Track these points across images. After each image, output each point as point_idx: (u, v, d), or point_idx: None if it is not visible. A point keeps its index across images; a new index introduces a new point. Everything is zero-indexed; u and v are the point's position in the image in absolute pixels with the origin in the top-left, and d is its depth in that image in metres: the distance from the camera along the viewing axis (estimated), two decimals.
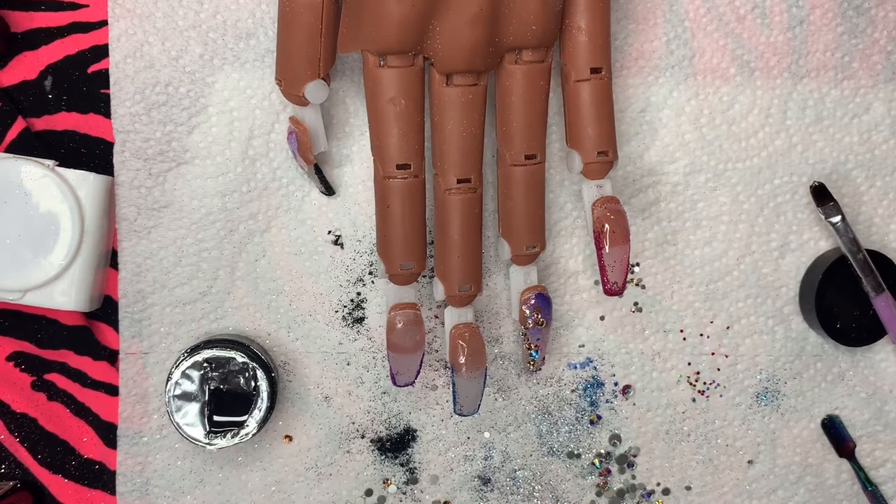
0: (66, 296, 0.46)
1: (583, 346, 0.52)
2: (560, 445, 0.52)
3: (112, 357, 0.49)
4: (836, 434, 0.52)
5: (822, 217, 0.50)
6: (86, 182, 0.46)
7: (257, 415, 0.46)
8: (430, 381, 0.51)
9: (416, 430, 0.51)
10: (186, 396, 0.46)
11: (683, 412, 0.52)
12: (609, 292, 0.46)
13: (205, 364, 0.46)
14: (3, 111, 0.47)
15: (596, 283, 0.51)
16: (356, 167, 0.49)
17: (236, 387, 0.46)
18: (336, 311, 0.50)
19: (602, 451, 0.52)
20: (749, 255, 0.52)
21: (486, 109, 0.45)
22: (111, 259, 0.49)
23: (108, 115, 0.48)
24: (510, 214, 0.46)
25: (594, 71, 0.45)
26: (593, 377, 0.52)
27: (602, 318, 0.51)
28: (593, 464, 0.52)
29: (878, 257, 0.50)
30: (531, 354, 0.48)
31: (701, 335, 0.52)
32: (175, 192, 0.48)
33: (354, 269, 0.50)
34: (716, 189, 0.51)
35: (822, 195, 0.50)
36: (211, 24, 0.47)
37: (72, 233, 0.45)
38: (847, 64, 0.51)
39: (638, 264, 0.51)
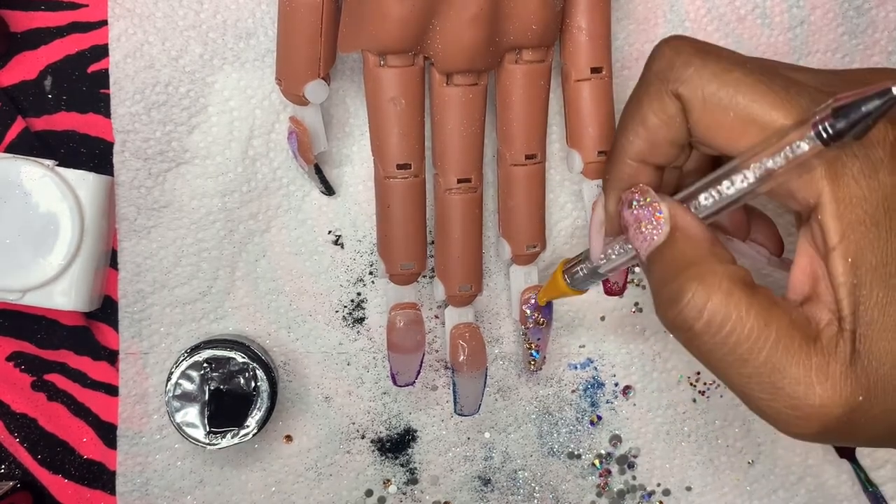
0: (66, 296, 0.46)
1: (583, 346, 0.52)
2: (560, 446, 0.52)
3: (112, 357, 0.49)
4: None
5: None
6: (85, 182, 0.45)
7: (257, 415, 0.46)
8: (430, 382, 0.51)
9: (416, 431, 0.51)
10: (186, 397, 0.46)
11: (684, 412, 0.52)
12: (609, 292, 0.47)
13: (205, 364, 0.46)
14: (3, 111, 0.47)
15: None
16: (356, 167, 0.49)
17: (236, 387, 0.46)
18: (336, 311, 0.50)
19: (602, 452, 0.52)
20: None
21: (487, 109, 0.45)
22: (111, 259, 0.49)
23: (107, 115, 0.48)
24: (511, 214, 0.46)
25: (595, 70, 0.45)
26: (594, 378, 0.52)
27: (602, 318, 0.51)
28: (594, 464, 0.52)
29: None
30: (532, 354, 0.48)
31: None
32: (175, 192, 0.48)
33: (354, 269, 0.50)
34: None
35: None
36: (211, 24, 0.47)
37: (72, 233, 0.45)
38: (848, 64, 0.51)
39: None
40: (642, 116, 0.35)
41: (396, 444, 0.51)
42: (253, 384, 0.46)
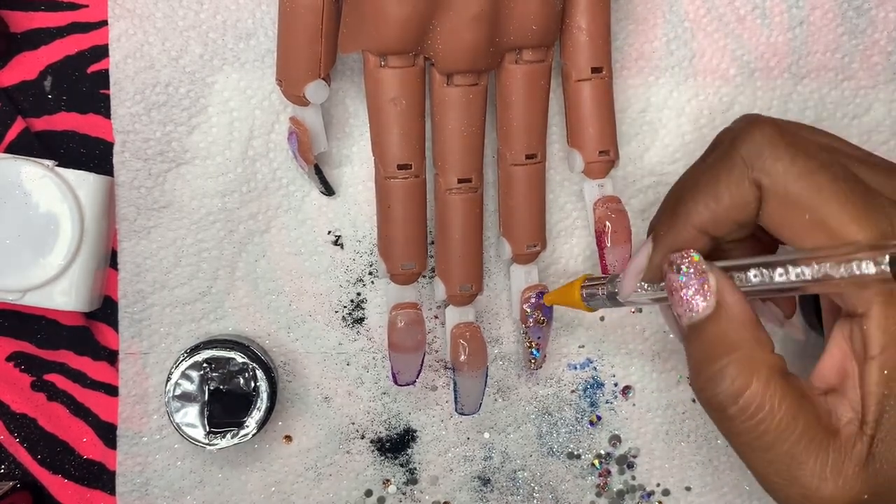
0: (66, 296, 0.46)
1: (583, 346, 0.52)
2: (560, 446, 0.52)
3: (112, 357, 0.49)
4: None
5: None
6: (85, 182, 0.45)
7: (257, 415, 0.46)
8: (429, 382, 0.51)
9: (415, 431, 0.51)
10: (186, 397, 0.46)
11: (683, 413, 0.52)
12: None
13: (205, 364, 0.46)
14: (3, 111, 0.47)
15: None
16: (356, 167, 0.49)
17: (236, 387, 0.46)
18: (336, 312, 0.50)
19: (602, 452, 0.52)
20: None
21: (487, 109, 0.45)
22: (111, 259, 0.49)
23: (107, 115, 0.48)
24: (511, 214, 0.46)
25: (595, 70, 0.45)
26: (593, 378, 0.52)
27: (602, 318, 0.52)
28: (593, 464, 0.52)
29: None
30: (532, 353, 0.48)
31: None
32: (175, 192, 0.48)
33: (354, 269, 0.50)
34: None
35: None
36: (211, 25, 0.47)
37: (72, 233, 0.45)
38: (847, 65, 0.51)
39: None
40: (717, 193, 0.35)
41: (396, 445, 0.51)
42: (253, 384, 0.46)
